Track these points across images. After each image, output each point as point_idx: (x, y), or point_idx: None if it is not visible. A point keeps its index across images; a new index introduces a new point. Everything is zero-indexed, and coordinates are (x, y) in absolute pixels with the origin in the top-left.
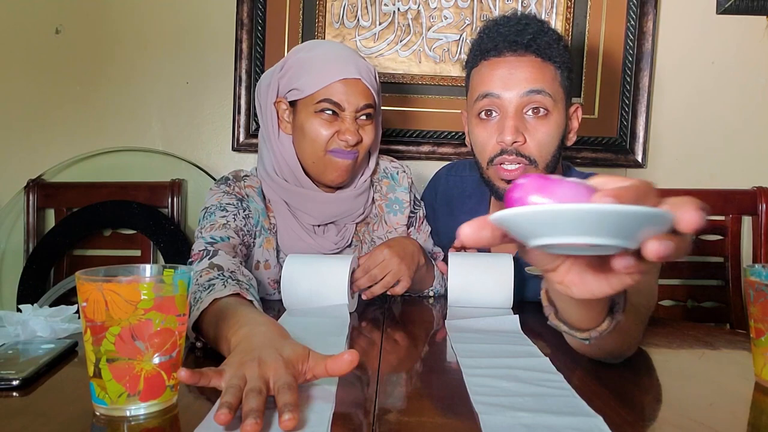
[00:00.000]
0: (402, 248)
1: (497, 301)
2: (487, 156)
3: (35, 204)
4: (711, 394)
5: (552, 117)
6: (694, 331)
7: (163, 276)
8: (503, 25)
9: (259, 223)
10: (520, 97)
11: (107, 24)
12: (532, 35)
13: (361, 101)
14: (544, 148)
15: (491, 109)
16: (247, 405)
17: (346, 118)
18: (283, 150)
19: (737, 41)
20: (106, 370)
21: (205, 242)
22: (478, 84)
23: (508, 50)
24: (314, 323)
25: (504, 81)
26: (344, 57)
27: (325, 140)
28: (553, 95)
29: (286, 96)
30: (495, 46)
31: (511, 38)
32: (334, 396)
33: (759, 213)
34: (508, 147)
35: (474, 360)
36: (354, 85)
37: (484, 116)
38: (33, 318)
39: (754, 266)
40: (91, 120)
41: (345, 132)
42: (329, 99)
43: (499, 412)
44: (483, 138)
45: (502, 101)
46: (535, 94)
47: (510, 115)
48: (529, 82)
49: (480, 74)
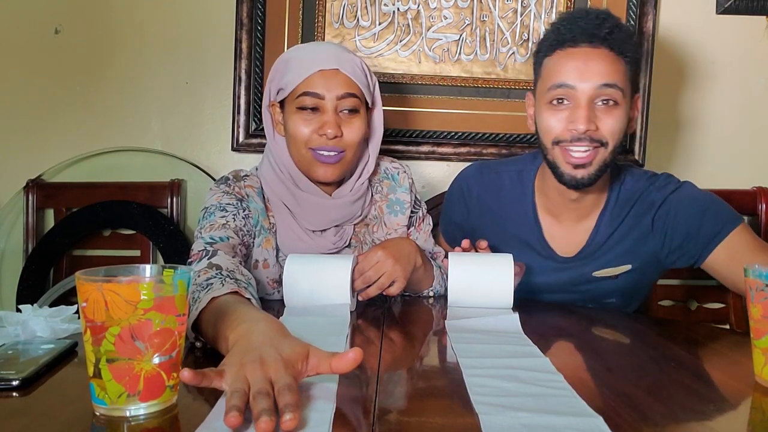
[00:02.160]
0: (397, 249)
1: (497, 300)
2: (552, 137)
3: (35, 204)
4: (711, 394)
5: (620, 107)
6: (694, 331)
7: (163, 276)
8: (582, 18)
9: (258, 222)
10: (594, 90)
11: (107, 24)
12: (609, 29)
13: (341, 90)
14: (614, 132)
15: (564, 97)
16: (258, 406)
17: (327, 110)
18: (280, 152)
19: (737, 41)
20: (106, 371)
21: (205, 242)
22: (552, 73)
23: (585, 42)
24: (314, 323)
25: (579, 72)
26: (325, 51)
27: (306, 137)
28: (623, 89)
29: (276, 97)
30: (572, 37)
31: (589, 31)
32: (335, 395)
33: (759, 213)
34: (580, 135)
35: (474, 360)
36: (333, 75)
37: (556, 103)
38: (33, 318)
39: (754, 266)
40: (91, 120)
41: (324, 125)
42: (307, 91)
43: (499, 413)
44: (552, 123)
45: (575, 92)
46: (608, 87)
47: (583, 105)
48: (603, 76)
49: (554, 63)
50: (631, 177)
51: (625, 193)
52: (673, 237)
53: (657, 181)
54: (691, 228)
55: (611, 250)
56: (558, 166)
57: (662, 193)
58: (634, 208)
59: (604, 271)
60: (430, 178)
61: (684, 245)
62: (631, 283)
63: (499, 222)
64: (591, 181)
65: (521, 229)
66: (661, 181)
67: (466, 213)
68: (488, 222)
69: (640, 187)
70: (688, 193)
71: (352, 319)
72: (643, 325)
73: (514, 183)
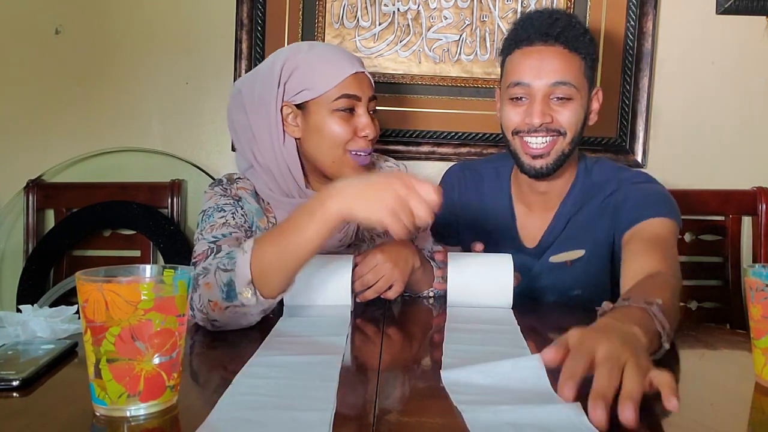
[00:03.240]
0: (396, 252)
1: (497, 300)
2: (512, 129)
3: (35, 204)
4: (711, 394)
5: (575, 101)
6: (694, 331)
7: (163, 276)
8: (536, 18)
9: (254, 223)
10: (548, 87)
11: (107, 24)
12: (561, 28)
13: (370, 91)
14: (571, 124)
15: (521, 95)
16: None
17: (361, 113)
18: (287, 155)
19: (737, 41)
20: (106, 371)
21: (208, 242)
22: (510, 71)
23: (539, 41)
24: (314, 323)
25: (534, 71)
26: (345, 53)
27: (345, 139)
28: (577, 85)
29: (293, 99)
30: (528, 37)
31: (542, 30)
32: (335, 396)
33: (759, 213)
34: (536, 127)
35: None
36: (363, 78)
37: (515, 100)
38: (33, 318)
39: (754, 266)
40: (91, 120)
41: (365, 127)
42: (347, 94)
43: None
44: (512, 116)
45: (531, 89)
46: (561, 85)
47: (538, 101)
48: (557, 74)
49: (513, 62)
50: (599, 169)
51: (590, 183)
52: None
53: (623, 173)
54: (630, 203)
55: (568, 238)
56: (518, 156)
57: (621, 181)
58: (596, 198)
59: (558, 256)
60: (431, 179)
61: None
62: (587, 270)
63: (480, 216)
64: (550, 171)
65: (499, 221)
66: (627, 172)
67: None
68: (468, 217)
69: (604, 178)
70: (646, 185)
71: (352, 320)
72: None
73: (492, 178)
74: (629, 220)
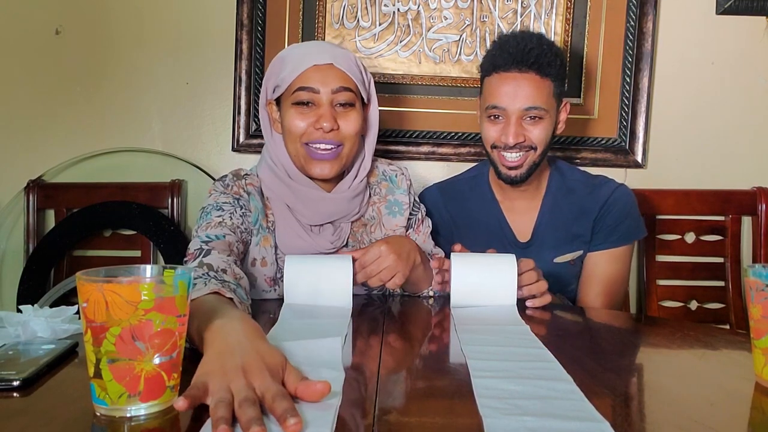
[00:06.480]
0: (399, 246)
1: (501, 300)
2: (490, 143)
3: (35, 204)
4: (711, 394)
5: (546, 120)
6: (694, 331)
7: (164, 277)
8: (512, 46)
9: (257, 221)
10: (522, 111)
11: (107, 24)
12: (534, 57)
13: (336, 83)
14: (541, 140)
15: (498, 115)
16: (246, 415)
17: (322, 103)
18: (277, 149)
19: (737, 41)
20: (107, 371)
21: (201, 241)
22: (488, 93)
23: (514, 68)
24: (314, 323)
25: (510, 97)
26: (319, 46)
27: (301, 132)
28: (546, 108)
29: (272, 96)
30: (504, 63)
31: (518, 57)
32: (340, 394)
33: (759, 213)
34: (511, 146)
35: (483, 363)
36: (327, 69)
37: (493, 119)
38: (33, 319)
39: (754, 266)
40: (91, 120)
41: (320, 118)
42: (303, 86)
43: (504, 416)
44: (491, 132)
45: (507, 112)
46: (533, 109)
47: (512, 123)
48: (530, 100)
49: (491, 85)
50: (568, 168)
51: (565, 182)
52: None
53: (595, 179)
54: (610, 221)
55: (559, 236)
56: (497, 165)
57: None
58: (577, 199)
59: (563, 257)
60: (431, 179)
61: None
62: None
63: (473, 222)
64: (523, 178)
65: (492, 222)
66: (601, 179)
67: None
68: (463, 226)
69: (577, 178)
70: (624, 192)
71: (351, 320)
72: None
73: (473, 187)
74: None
